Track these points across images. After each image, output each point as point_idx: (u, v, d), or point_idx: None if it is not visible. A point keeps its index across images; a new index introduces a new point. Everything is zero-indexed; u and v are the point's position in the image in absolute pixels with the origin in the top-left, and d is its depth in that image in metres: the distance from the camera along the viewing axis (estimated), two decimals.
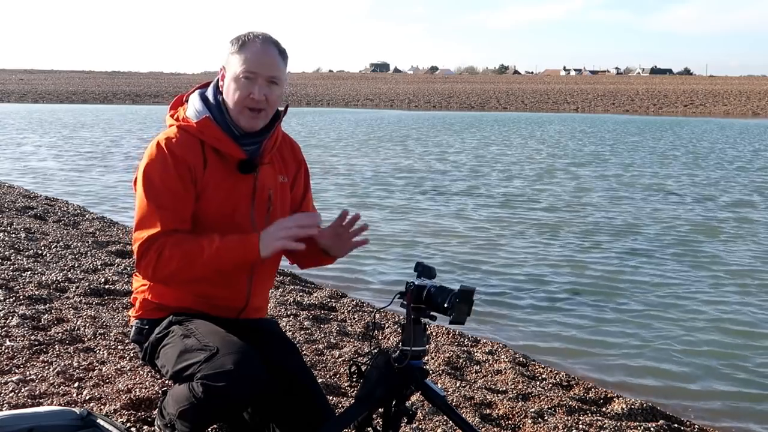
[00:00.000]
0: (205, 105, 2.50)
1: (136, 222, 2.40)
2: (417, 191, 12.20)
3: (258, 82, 2.42)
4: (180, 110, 2.55)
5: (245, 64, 2.42)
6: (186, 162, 2.41)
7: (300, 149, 2.74)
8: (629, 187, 13.09)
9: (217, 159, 2.46)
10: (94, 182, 12.63)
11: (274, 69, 2.44)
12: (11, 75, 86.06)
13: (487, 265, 7.31)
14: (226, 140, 2.45)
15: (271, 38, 2.48)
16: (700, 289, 6.60)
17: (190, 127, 2.45)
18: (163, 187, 2.38)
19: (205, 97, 2.52)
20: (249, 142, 2.50)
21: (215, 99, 2.50)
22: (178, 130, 2.47)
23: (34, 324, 4.28)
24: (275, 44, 2.48)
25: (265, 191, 2.53)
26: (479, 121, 32.86)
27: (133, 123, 29.02)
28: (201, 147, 2.44)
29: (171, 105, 2.60)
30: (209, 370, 2.26)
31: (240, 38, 2.46)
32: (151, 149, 2.45)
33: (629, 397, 3.99)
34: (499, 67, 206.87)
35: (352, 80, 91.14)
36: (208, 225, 2.43)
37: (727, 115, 41.87)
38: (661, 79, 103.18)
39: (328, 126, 28.93)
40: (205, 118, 2.45)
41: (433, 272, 2.22)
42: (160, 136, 2.47)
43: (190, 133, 2.45)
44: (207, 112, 2.47)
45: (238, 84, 2.43)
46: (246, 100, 2.43)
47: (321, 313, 5.05)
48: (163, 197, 2.38)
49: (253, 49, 2.43)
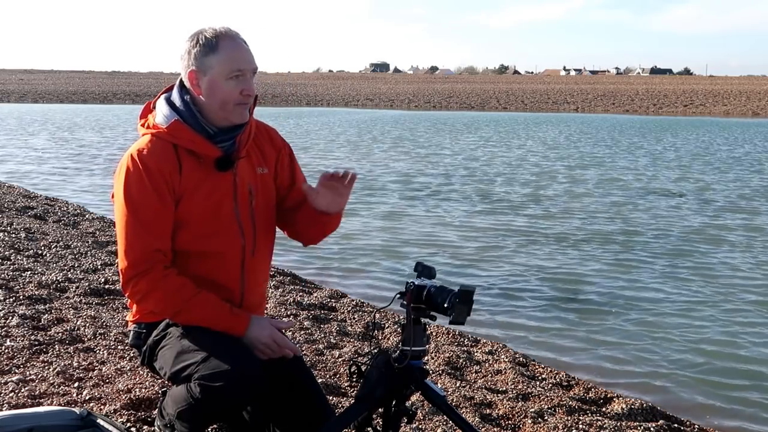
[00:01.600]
0: (173, 108, 2.48)
1: (119, 242, 2.44)
2: (417, 191, 12.19)
3: (247, 78, 2.45)
4: (149, 117, 2.54)
5: (232, 62, 2.42)
6: (161, 173, 2.41)
7: (277, 133, 2.71)
8: (629, 189, 13.09)
9: (193, 161, 2.46)
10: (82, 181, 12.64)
11: (254, 62, 2.49)
12: (11, 75, 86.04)
13: (487, 265, 7.31)
14: (199, 140, 2.45)
15: (234, 31, 2.49)
16: (700, 289, 6.59)
17: (161, 133, 2.45)
18: (142, 202, 2.40)
19: (171, 101, 2.51)
20: (223, 138, 2.49)
21: (182, 101, 2.49)
22: (150, 138, 2.46)
23: (34, 324, 4.28)
24: (240, 36, 2.49)
25: (245, 187, 2.53)
26: (477, 122, 32.86)
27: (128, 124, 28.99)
28: (174, 151, 2.44)
29: (140, 114, 2.58)
30: (206, 370, 2.27)
31: (206, 38, 2.43)
32: (126, 163, 2.44)
33: (629, 397, 3.99)
34: (499, 67, 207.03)
35: (352, 80, 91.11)
36: (193, 227, 2.44)
37: (727, 115, 41.85)
38: (661, 79, 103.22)
39: (327, 127, 28.93)
40: (174, 122, 2.44)
41: (433, 272, 2.22)
42: (133, 148, 2.47)
43: (162, 138, 2.45)
44: (175, 116, 2.46)
45: (228, 83, 2.42)
46: (239, 97, 2.44)
47: (321, 313, 5.05)
48: (144, 212, 2.39)
49: (231, 46, 2.43)
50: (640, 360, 4.92)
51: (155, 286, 2.38)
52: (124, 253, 2.41)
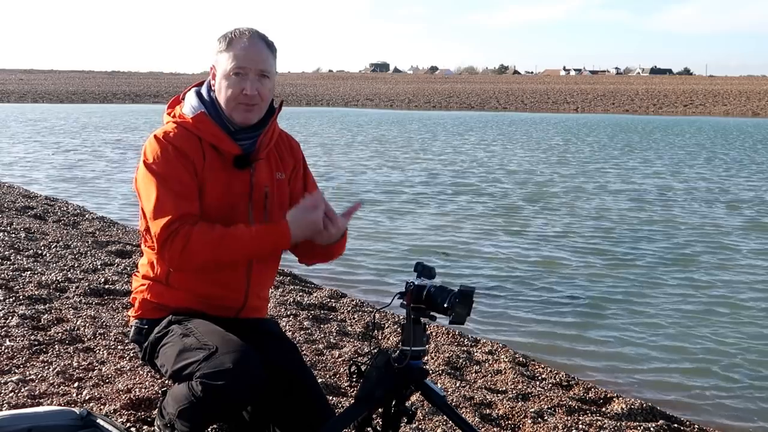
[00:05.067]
0: (201, 101, 2.51)
1: (150, 212, 2.37)
2: (417, 191, 12.19)
3: (249, 77, 2.43)
4: (177, 108, 2.56)
5: (235, 60, 2.43)
6: (186, 153, 2.41)
7: (299, 146, 2.73)
8: (629, 189, 13.09)
9: (215, 155, 2.46)
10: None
11: (263, 63, 2.46)
12: (11, 75, 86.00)
13: (487, 265, 7.31)
14: (221, 135, 2.45)
15: (258, 32, 2.49)
16: (700, 290, 6.60)
17: (187, 123, 2.46)
18: (172, 175, 2.38)
19: (200, 93, 2.54)
20: (244, 137, 2.49)
21: (209, 95, 2.52)
22: (176, 126, 2.47)
23: (34, 324, 4.28)
24: (262, 38, 2.49)
25: (261, 188, 2.52)
26: (477, 122, 32.85)
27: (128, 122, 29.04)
28: (199, 143, 2.45)
29: (168, 104, 2.61)
30: (208, 369, 2.26)
31: (227, 36, 2.47)
32: (150, 144, 2.44)
33: (629, 397, 3.99)
34: (499, 67, 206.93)
35: (352, 80, 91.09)
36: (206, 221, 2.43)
37: (726, 114, 41.86)
38: (661, 79, 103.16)
39: (328, 126, 28.92)
40: (200, 113, 2.46)
41: (433, 272, 2.21)
42: (158, 131, 2.47)
43: (186, 129, 2.46)
44: (202, 108, 2.48)
45: (229, 81, 2.43)
46: (239, 96, 2.43)
47: (321, 313, 5.05)
48: (173, 183, 2.37)
49: (241, 45, 2.44)
50: (640, 360, 4.92)
51: (189, 239, 2.30)
52: (155, 218, 2.34)
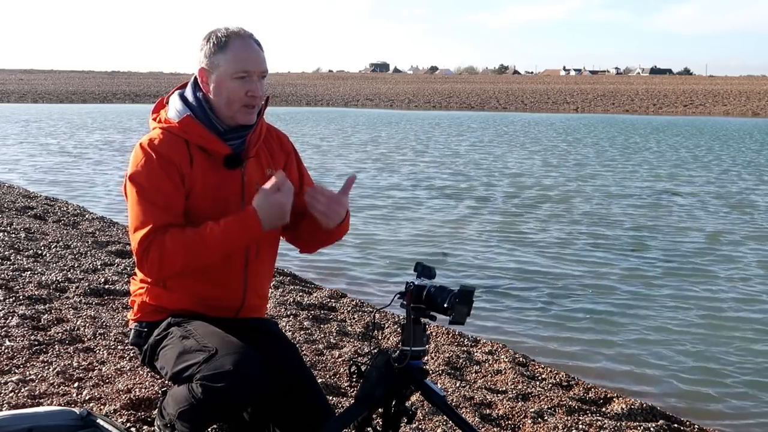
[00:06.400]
0: (185, 104, 2.49)
1: (131, 225, 2.40)
2: (417, 191, 12.19)
3: (254, 79, 2.44)
4: (162, 112, 2.54)
5: (238, 63, 2.42)
6: (171, 160, 2.41)
7: (287, 138, 2.72)
8: (629, 191, 13.08)
9: (203, 157, 2.46)
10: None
11: (263, 64, 2.47)
12: (11, 75, 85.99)
13: (487, 266, 7.31)
14: (209, 136, 2.45)
15: (248, 32, 2.49)
16: (701, 290, 6.60)
17: (173, 128, 2.46)
18: (153, 186, 2.38)
19: (184, 96, 2.52)
20: (233, 136, 2.49)
21: (195, 97, 2.50)
22: (162, 132, 2.47)
23: (34, 324, 4.28)
24: (253, 38, 2.49)
25: (253, 186, 2.51)
26: (477, 122, 32.85)
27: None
28: (186, 146, 2.44)
29: (153, 109, 2.59)
30: (208, 370, 2.26)
31: (218, 37, 2.45)
32: (135, 153, 2.44)
33: (629, 397, 3.99)
34: (499, 67, 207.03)
35: (352, 80, 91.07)
36: (199, 223, 2.43)
37: (726, 115, 41.85)
38: (660, 79, 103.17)
39: (328, 126, 28.92)
40: (186, 117, 2.45)
41: (433, 272, 2.21)
42: (143, 138, 2.47)
43: (173, 133, 2.45)
44: (188, 111, 2.47)
45: (233, 83, 2.42)
46: (245, 98, 2.43)
47: (321, 313, 5.05)
48: (154, 196, 2.37)
49: (240, 47, 2.43)
50: (640, 360, 4.92)
51: (163, 248, 2.31)
52: (133, 232, 2.35)
